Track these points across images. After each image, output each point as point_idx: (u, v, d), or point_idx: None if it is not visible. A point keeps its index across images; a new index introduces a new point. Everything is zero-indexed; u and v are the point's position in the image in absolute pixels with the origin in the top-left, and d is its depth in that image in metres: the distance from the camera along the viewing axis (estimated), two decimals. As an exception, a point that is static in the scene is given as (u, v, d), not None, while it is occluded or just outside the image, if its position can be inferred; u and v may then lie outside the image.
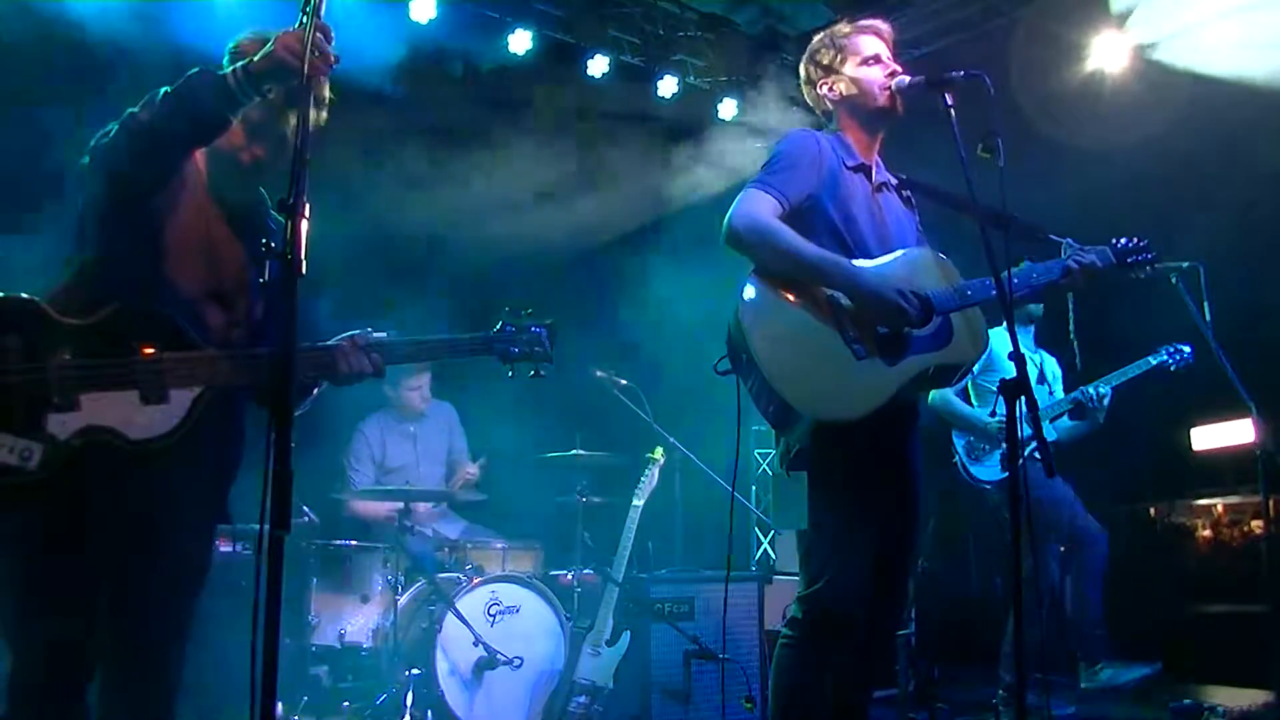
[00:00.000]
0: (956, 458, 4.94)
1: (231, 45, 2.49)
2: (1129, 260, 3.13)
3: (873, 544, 2.76)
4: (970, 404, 5.00)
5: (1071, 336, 4.91)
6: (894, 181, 3.06)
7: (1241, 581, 5.55)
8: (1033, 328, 5.12)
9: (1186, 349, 4.82)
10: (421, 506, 5.28)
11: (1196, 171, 5.05)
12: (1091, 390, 4.81)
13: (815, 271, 2.70)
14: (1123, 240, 3.14)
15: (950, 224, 3.07)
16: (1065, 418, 4.92)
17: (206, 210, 2.45)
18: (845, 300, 2.71)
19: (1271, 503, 4.27)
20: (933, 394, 4.81)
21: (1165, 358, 4.86)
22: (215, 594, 4.00)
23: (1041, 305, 5.00)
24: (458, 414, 5.73)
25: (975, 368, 4.55)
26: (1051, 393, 5.06)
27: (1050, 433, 4.84)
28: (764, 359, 2.63)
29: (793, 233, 2.71)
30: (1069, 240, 3.02)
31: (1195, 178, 5.08)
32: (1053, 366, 5.18)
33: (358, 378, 2.44)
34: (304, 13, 1.87)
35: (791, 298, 2.72)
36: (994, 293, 2.70)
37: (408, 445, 5.52)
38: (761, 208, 2.73)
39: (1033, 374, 5.01)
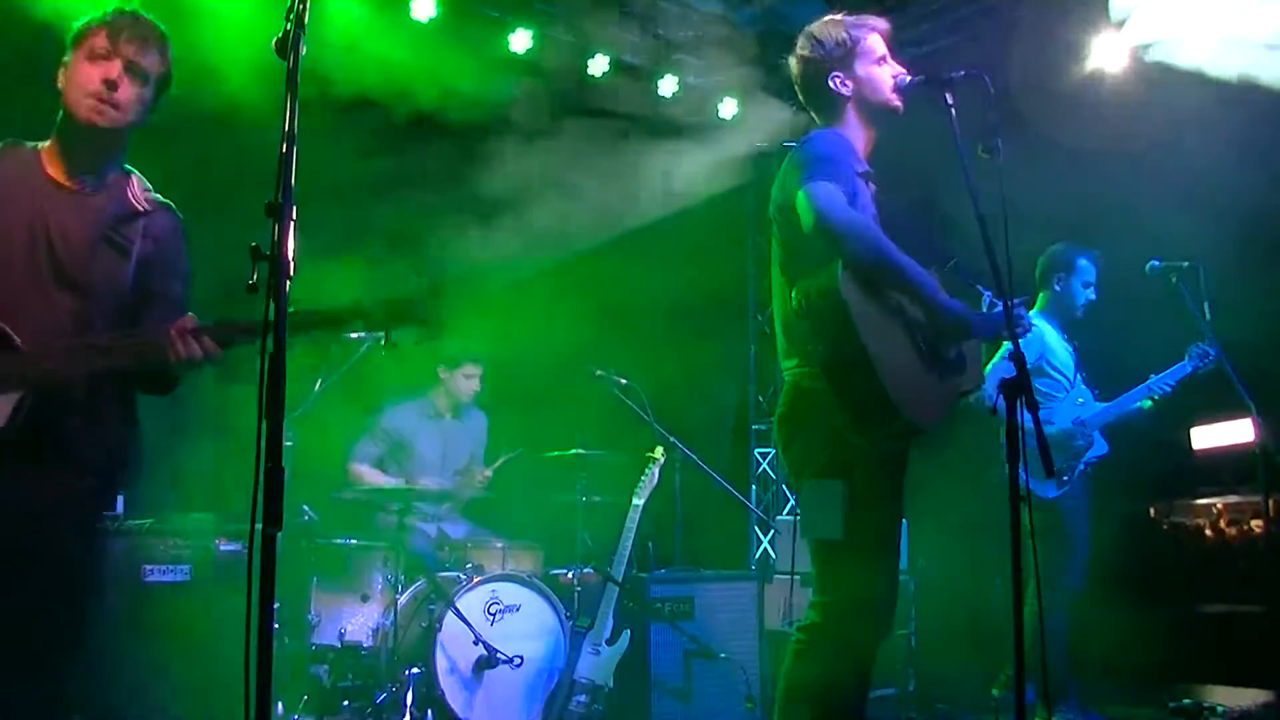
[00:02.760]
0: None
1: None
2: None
3: (891, 552, 2.80)
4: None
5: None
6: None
7: (1241, 581, 5.55)
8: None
9: (1212, 352, 4.60)
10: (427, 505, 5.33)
11: (1196, 171, 5.05)
12: (1156, 388, 4.69)
13: (907, 278, 2.66)
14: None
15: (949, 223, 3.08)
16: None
17: (39, 206, 2.45)
18: (911, 309, 2.69)
19: (1271, 503, 4.27)
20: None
21: (1198, 362, 4.64)
22: (216, 593, 4.05)
23: (1079, 308, 4.85)
24: (487, 423, 5.72)
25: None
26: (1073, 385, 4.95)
27: (1103, 446, 4.76)
28: (870, 344, 2.55)
29: (883, 233, 2.66)
30: (989, 294, 2.97)
31: (1195, 178, 5.08)
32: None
33: (190, 365, 2.37)
34: (288, 21, 1.88)
35: (873, 292, 2.65)
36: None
37: (437, 444, 5.51)
38: (843, 200, 2.65)
39: (1070, 364, 4.85)
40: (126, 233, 2.50)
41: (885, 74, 2.92)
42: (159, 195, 2.61)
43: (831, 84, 2.93)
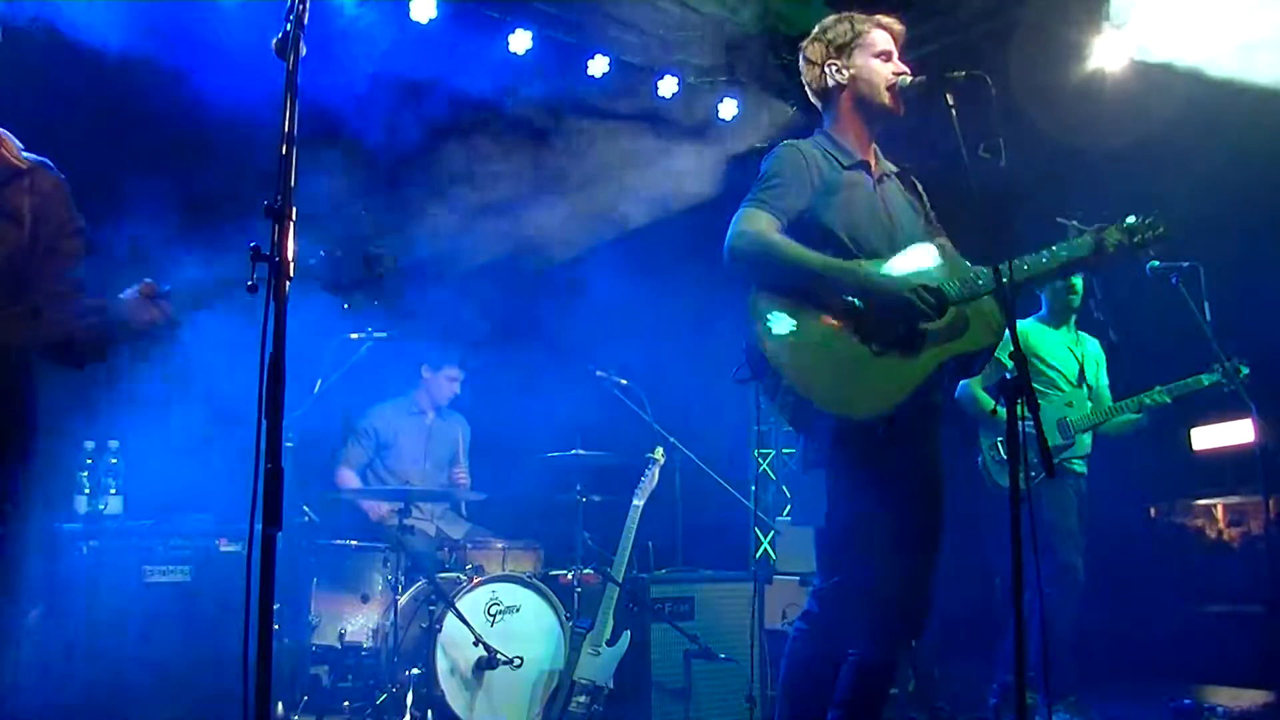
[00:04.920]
0: (981, 458, 4.88)
1: None
2: (1135, 239, 3.06)
3: (892, 542, 2.76)
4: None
5: (1096, 314, 4.77)
6: (895, 170, 3.06)
7: (1241, 581, 5.55)
8: (1073, 317, 4.98)
9: (1245, 369, 4.48)
10: (426, 504, 5.36)
11: (1196, 171, 5.05)
12: (1150, 401, 4.68)
13: (824, 279, 2.71)
14: (1131, 218, 3.09)
15: (949, 214, 3.07)
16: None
17: None
18: (858, 302, 2.72)
19: (1271, 503, 4.27)
20: (960, 386, 4.80)
21: (1220, 378, 4.52)
22: (216, 593, 4.06)
23: (1079, 295, 4.88)
24: (469, 429, 5.78)
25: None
26: (1088, 384, 4.93)
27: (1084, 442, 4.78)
28: (788, 369, 2.65)
29: (795, 244, 2.73)
30: (1074, 222, 3.00)
31: (1195, 178, 5.08)
32: (1095, 350, 5.04)
33: (148, 332, 2.38)
34: (288, 21, 1.88)
35: (804, 306, 2.72)
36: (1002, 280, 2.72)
37: (420, 438, 5.58)
38: (759, 224, 2.74)
39: (1073, 370, 4.87)
40: (11, 195, 2.43)
41: (884, 69, 2.93)
42: (32, 154, 2.54)
43: (827, 70, 2.99)
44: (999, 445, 4.80)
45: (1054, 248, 2.95)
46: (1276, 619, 4.42)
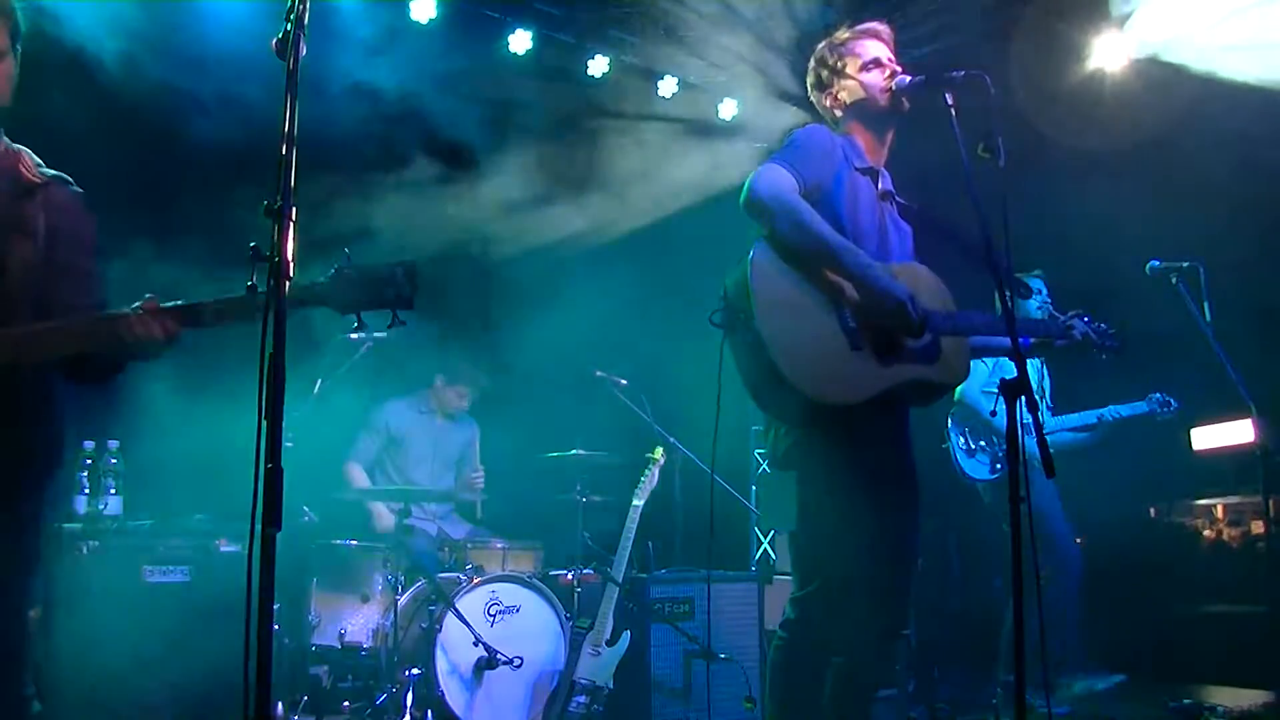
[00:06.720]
0: (949, 445, 4.96)
1: None
2: (1096, 341, 3.28)
3: (868, 544, 2.75)
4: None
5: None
6: (899, 199, 3.07)
7: (1241, 581, 5.54)
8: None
9: (1174, 403, 5.02)
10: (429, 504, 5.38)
11: (1196, 171, 5.05)
12: (1109, 415, 5.00)
13: (832, 253, 2.69)
14: (1103, 325, 3.32)
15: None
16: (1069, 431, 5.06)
17: None
18: (850, 290, 2.71)
19: (1271, 503, 4.26)
20: (959, 391, 4.95)
21: (1156, 409, 5.03)
22: (216, 593, 4.05)
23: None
24: (479, 432, 5.79)
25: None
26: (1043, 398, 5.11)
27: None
28: (764, 323, 2.62)
29: (814, 212, 2.72)
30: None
31: (1195, 178, 5.08)
32: (1037, 369, 5.19)
33: (145, 348, 2.24)
34: (287, 20, 1.88)
35: (805, 273, 2.72)
36: (981, 326, 2.86)
37: (429, 438, 5.59)
38: (785, 181, 2.73)
39: (1034, 376, 5.00)
40: (26, 209, 2.36)
41: (874, 78, 2.97)
42: (50, 170, 2.47)
43: (826, 98, 3.07)
44: (966, 435, 4.91)
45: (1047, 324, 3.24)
46: (1277, 619, 4.41)
